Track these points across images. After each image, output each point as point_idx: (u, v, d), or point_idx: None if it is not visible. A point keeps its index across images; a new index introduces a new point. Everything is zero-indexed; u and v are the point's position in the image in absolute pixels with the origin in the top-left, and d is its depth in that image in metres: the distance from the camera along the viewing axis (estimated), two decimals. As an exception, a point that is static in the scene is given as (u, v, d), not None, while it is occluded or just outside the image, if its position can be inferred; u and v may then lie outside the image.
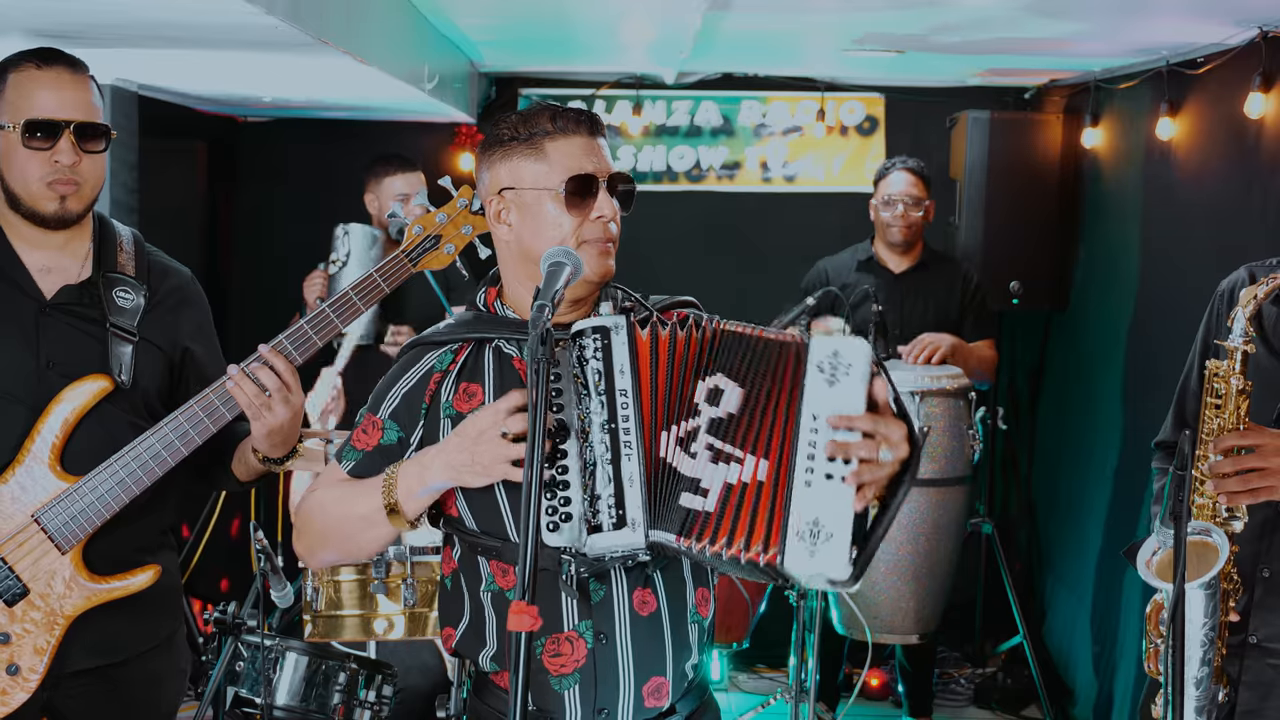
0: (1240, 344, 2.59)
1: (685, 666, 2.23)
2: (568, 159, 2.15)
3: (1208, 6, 3.75)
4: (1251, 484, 2.52)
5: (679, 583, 2.21)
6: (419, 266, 2.60)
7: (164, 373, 2.71)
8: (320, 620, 3.56)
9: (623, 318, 2.07)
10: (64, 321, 2.63)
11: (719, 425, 2.02)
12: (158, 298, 2.71)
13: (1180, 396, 2.93)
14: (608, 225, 2.16)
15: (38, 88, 2.56)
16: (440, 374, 2.22)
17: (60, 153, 2.56)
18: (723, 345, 2.06)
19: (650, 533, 2.02)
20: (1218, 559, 2.49)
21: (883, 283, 5.05)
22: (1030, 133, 5.53)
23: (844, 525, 1.95)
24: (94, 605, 2.61)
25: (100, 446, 2.57)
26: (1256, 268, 2.76)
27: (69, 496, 2.55)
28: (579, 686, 2.16)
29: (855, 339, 2.02)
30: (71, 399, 2.58)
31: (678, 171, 6.12)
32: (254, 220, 6.11)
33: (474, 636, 2.23)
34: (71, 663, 2.63)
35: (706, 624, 2.26)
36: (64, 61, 2.60)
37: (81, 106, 2.59)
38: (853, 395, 1.97)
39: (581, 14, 4.33)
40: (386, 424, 2.24)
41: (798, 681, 4.61)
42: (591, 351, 2.04)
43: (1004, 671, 5.54)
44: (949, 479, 4.71)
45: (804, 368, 2.00)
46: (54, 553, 2.56)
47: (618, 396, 2.03)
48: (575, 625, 2.15)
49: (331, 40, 3.25)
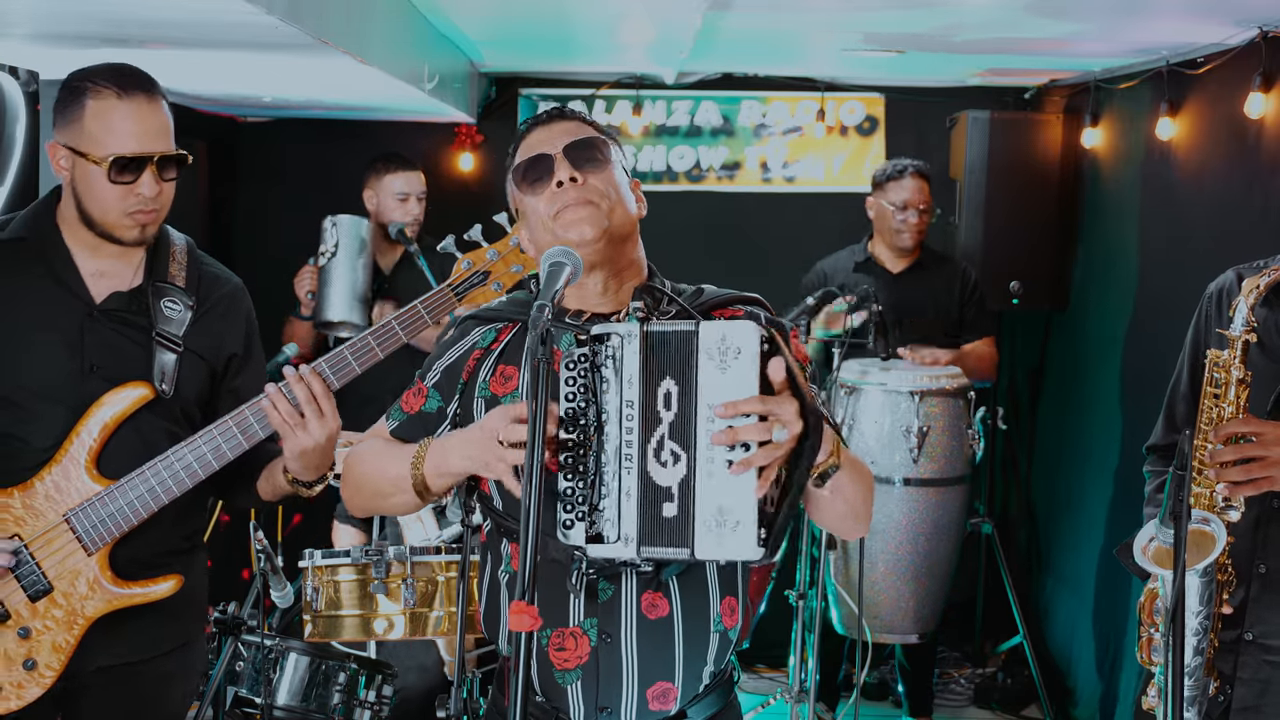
0: (1242, 333, 2.59)
1: (701, 673, 2.21)
2: (528, 152, 2.21)
3: (1208, 6, 3.75)
4: (1253, 473, 2.52)
5: (700, 589, 2.19)
6: (464, 302, 2.57)
7: (206, 381, 2.74)
8: (320, 620, 3.56)
9: (636, 326, 2.04)
10: (110, 327, 2.65)
11: (674, 429, 2.02)
12: (205, 307, 2.74)
13: (1170, 400, 2.93)
14: (567, 192, 2.15)
15: (121, 120, 2.56)
16: (481, 351, 2.25)
17: (144, 185, 2.58)
18: (656, 344, 2.04)
19: (642, 549, 2.02)
20: (1214, 546, 2.49)
21: (881, 283, 5.06)
22: (1030, 133, 5.53)
23: (749, 510, 1.96)
24: (115, 609, 2.63)
25: (136, 453, 2.60)
26: (1245, 269, 2.77)
27: (100, 499, 2.59)
28: (581, 683, 2.16)
29: (743, 322, 2.01)
30: (112, 404, 2.61)
31: (678, 171, 6.12)
32: (254, 220, 6.11)
33: (493, 616, 2.26)
34: (89, 661, 2.66)
35: (732, 633, 2.23)
36: (142, 88, 2.60)
37: (163, 137, 2.61)
38: (744, 379, 1.97)
39: (581, 14, 4.33)
40: (430, 392, 2.29)
41: (798, 681, 4.61)
42: (604, 358, 2.03)
43: (1004, 671, 5.55)
44: (949, 479, 4.72)
45: (696, 356, 2.00)
46: (80, 553, 2.60)
47: (624, 409, 2.02)
48: (580, 622, 2.15)
49: (331, 40, 3.24)
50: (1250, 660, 2.69)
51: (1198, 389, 2.79)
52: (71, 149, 2.58)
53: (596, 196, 2.16)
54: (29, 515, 2.60)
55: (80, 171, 2.59)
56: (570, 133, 2.21)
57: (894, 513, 4.68)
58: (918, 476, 4.67)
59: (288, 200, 5.98)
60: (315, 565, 3.55)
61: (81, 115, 2.57)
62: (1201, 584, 2.57)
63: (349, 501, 2.40)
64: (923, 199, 5.07)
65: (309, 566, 3.56)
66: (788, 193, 6.14)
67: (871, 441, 4.71)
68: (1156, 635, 2.63)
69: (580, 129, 2.22)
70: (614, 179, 2.20)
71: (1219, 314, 2.78)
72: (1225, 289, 2.79)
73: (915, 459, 4.65)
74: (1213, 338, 2.75)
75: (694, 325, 2.01)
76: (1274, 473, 2.53)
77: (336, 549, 3.59)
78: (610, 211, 2.17)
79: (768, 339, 1.99)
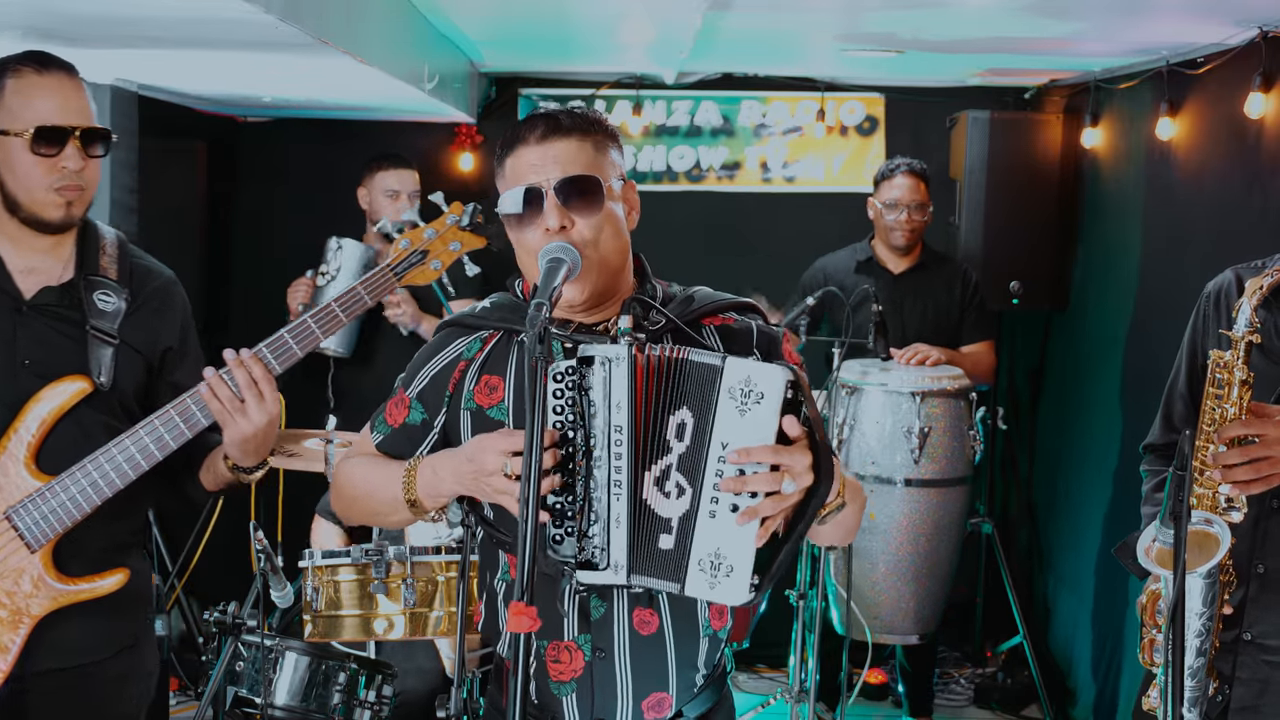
0: (1245, 334, 2.59)
1: (694, 679, 2.21)
2: (519, 175, 2.13)
3: (1208, 6, 3.75)
4: (1263, 471, 2.52)
5: (688, 602, 2.17)
6: (403, 281, 2.59)
7: (143, 375, 2.71)
8: (320, 620, 3.56)
9: (624, 348, 2.00)
10: (42, 322, 2.62)
11: (684, 461, 1.99)
12: (139, 301, 2.71)
13: (1168, 400, 2.94)
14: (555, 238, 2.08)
15: (41, 94, 2.56)
16: (466, 362, 2.21)
17: (67, 159, 2.56)
18: (676, 373, 2.00)
19: (632, 577, 2.01)
20: (1218, 548, 2.49)
21: (882, 283, 5.05)
22: (1030, 133, 5.53)
23: (745, 558, 1.95)
24: (61, 606, 2.60)
25: (76, 447, 2.57)
26: (1243, 270, 2.76)
27: (41, 495, 2.55)
28: (576, 695, 2.16)
29: (772, 367, 1.97)
30: (50, 398, 2.58)
31: (678, 171, 6.12)
32: (254, 220, 6.11)
33: (493, 620, 2.25)
34: (36, 662, 2.61)
35: (722, 633, 2.23)
36: (61, 66, 2.60)
37: (85, 112, 2.60)
38: (762, 425, 1.94)
39: (581, 14, 4.33)
40: (413, 403, 2.25)
41: (798, 681, 4.61)
42: (591, 380, 2.00)
43: (1004, 671, 5.55)
44: (949, 479, 4.71)
45: (718, 394, 1.97)
46: (23, 551, 2.56)
47: (612, 433, 1.99)
48: (575, 637, 2.15)
49: (331, 40, 3.24)
50: (1248, 660, 2.69)
51: (1195, 389, 2.79)
52: None
53: (586, 247, 2.09)
54: None
55: (3, 152, 2.56)
56: (565, 161, 2.11)
57: (895, 513, 4.68)
58: (918, 477, 4.67)
59: (288, 200, 5.98)
60: (315, 565, 3.55)
61: (2, 95, 2.55)
62: (1205, 585, 2.57)
63: (344, 515, 2.39)
64: (914, 197, 5.05)
65: (309, 566, 3.56)
66: (788, 193, 6.14)
67: (872, 442, 4.70)
68: (1158, 636, 2.63)
69: (577, 153, 2.12)
70: (606, 216, 2.12)
71: (1217, 314, 2.78)
72: (1224, 289, 2.79)
73: (916, 459, 4.65)
74: (1211, 338, 2.75)
75: (720, 360, 1.98)
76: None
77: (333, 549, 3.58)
78: (599, 262, 2.11)
79: (793, 384, 1.96)
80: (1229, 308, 2.72)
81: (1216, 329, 2.75)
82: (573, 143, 2.13)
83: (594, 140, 2.15)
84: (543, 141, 2.12)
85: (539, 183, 2.10)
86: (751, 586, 1.95)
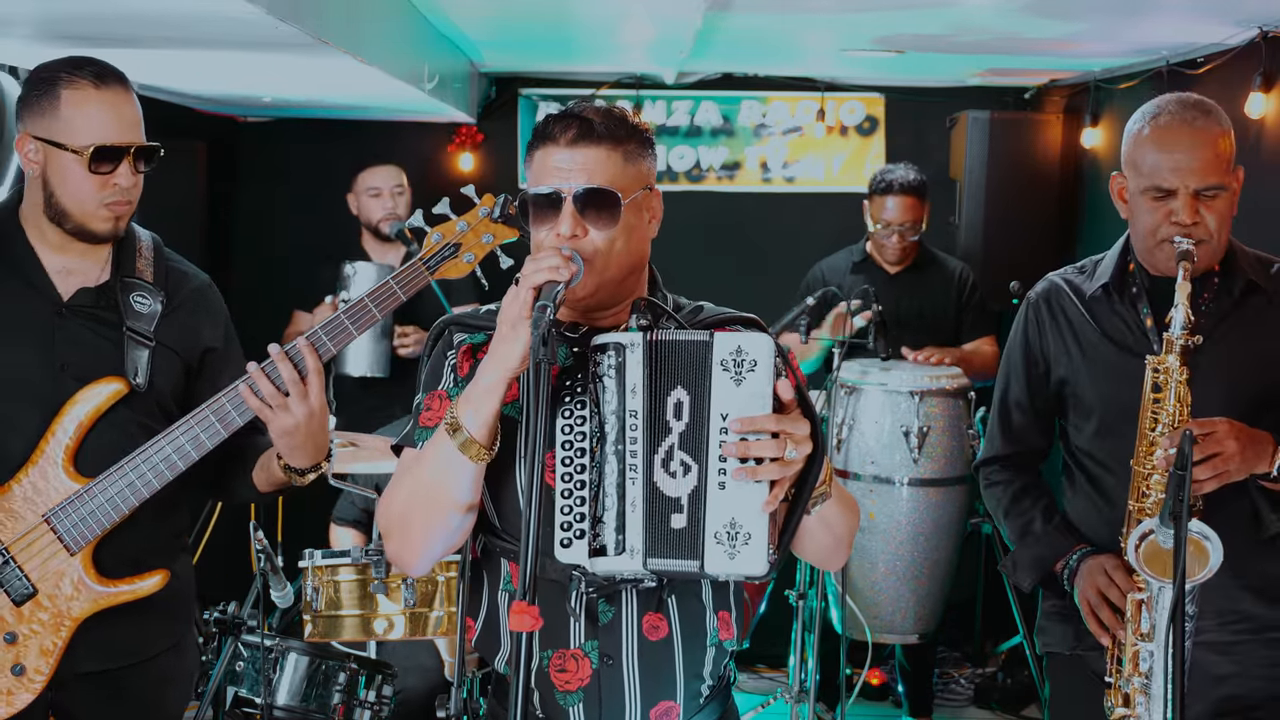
0: (1181, 335, 2.62)
1: (700, 688, 2.19)
2: (545, 172, 2.10)
3: (1208, 6, 3.75)
4: (1218, 468, 2.55)
5: (696, 607, 2.16)
6: (436, 275, 2.55)
7: (180, 377, 2.71)
8: (320, 620, 3.56)
9: (639, 335, 2.01)
10: (79, 324, 2.63)
11: (685, 439, 1.99)
12: (175, 303, 2.72)
13: (1003, 410, 3.02)
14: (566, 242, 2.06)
15: (99, 109, 2.55)
16: (471, 345, 2.18)
17: (120, 176, 2.57)
18: (669, 354, 2.01)
19: (649, 560, 2.00)
20: (1208, 563, 2.49)
21: (878, 283, 5.04)
22: (1030, 133, 5.53)
23: (760, 523, 1.95)
24: (102, 608, 2.60)
25: (114, 449, 2.57)
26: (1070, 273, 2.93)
27: (79, 498, 2.55)
28: (583, 705, 2.13)
29: (758, 334, 1.99)
30: (86, 401, 2.58)
31: (678, 171, 6.12)
32: (254, 220, 6.11)
33: (490, 635, 2.21)
34: (79, 664, 2.62)
35: (729, 644, 2.21)
36: (117, 79, 2.59)
37: (137, 125, 2.61)
38: (758, 392, 1.96)
39: (581, 14, 4.33)
40: (452, 391, 2.18)
41: (798, 681, 4.61)
42: (605, 368, 2.01)
43: (1004, 671, 5.54)
44: (949, 479, 4.72)
45: (711, 367, 1.98)
46: (63, 554, 2.57)
47: (627, 418, 2.00)
48: (581, 644, 2.12)
49: (331, 40, 3.24)
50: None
51: (1036, 397, 2.93)
52: (45, 140, 2.55)
53: (595, 256, 2.08)
54: (8, 519, 2.56)
55: (55, 164, 2.56)
56: (591, 170, 2.07)
57: (894, 513, 4.68)
58: (918, 477, 4.67)
59: (288, 200, 5.99)
60: (315, 565, 3.55)
61: (56, 105, 2.54)
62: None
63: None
64: (909, 217, 5.01)
65: (309, 566, 3.56)
66: (788, 193, 6.14)
67: (871, 441, 4.71)
68: (1141, 645, 2.62)
69: (605, 163, 2.08)
70: (621, 229, 2.09)
71: (1053, 318, 2.90)
72: (1052, 294, 2.92)
73: (915, 459, 4.65)
74: (1049, 341, 2.88)
75: (708, 335, 1.99)
76: (1234, 465, 2.57)
77: (336, 549, 3.59)
78: (604, 268, 2.09)
79: (781, 352, 1.98)
80: (1064, 311, 2.87)
81: (1055, 333, 2.86)
82: (602, 151, 2.09)
83: (625, 150, 2.11)
84: (573, 145, 2.09)
85: (561, 188, 2.08)
86: (770, 553, 1.94)
